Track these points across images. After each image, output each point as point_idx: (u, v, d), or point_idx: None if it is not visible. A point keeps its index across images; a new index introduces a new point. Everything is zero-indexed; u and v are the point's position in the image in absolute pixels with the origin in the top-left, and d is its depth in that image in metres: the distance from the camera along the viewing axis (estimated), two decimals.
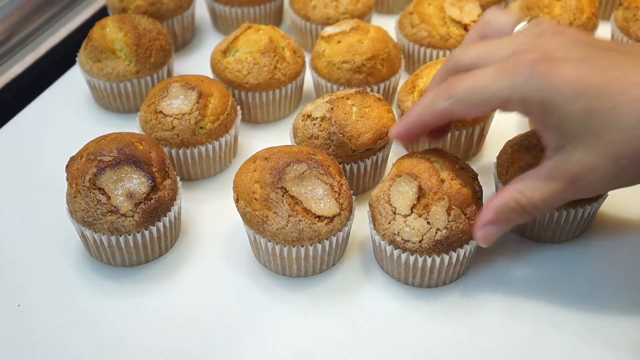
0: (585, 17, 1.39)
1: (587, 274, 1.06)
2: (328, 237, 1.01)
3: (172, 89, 1.19)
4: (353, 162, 1.14)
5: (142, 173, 1.04)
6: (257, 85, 1.29)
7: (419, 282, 1.04)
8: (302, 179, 1.00)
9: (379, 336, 0.99)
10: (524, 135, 1.11)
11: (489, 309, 1.02)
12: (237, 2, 1.51)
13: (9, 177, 1.25)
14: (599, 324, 1.00)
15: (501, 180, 1.09)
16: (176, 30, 1.51)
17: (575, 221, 1.07)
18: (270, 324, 1.01)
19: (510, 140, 1.12)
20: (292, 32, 1.54)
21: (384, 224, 1.01)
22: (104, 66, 1.31)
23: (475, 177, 1.03)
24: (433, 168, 1.00)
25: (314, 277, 1.07)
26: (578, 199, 0.98)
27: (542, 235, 1.09)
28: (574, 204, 1.05)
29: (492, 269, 1.07)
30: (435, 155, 1.03)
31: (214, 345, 0.98)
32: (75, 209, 1.03)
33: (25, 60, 1.54)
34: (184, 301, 1.04)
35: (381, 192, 1.03)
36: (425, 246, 0.98)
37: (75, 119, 1.38)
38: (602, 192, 0.97)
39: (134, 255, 1.07)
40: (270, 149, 1.06)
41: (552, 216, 1.06)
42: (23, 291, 1.05)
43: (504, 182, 1.09)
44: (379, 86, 1.30)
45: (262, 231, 1.01)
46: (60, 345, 0.98)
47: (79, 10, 1.66)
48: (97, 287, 1.06)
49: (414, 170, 1.00)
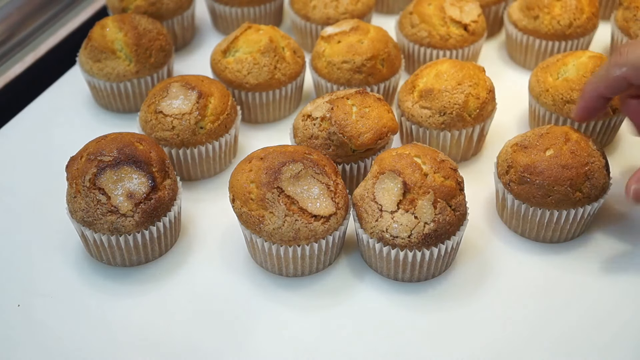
0: (585, 17, 1.39)
1: (584, 271, 1.07)
2: (324, 237, 1.01)
3: (172, 89, 1.19)
4: (353, 162, 1.14)
5: (142, 173, 1.04)
6: (257, 85, 1.29)
7: (409, 277, 1.04)
8: (298, 179, 1.00)
9: (376, 334, 0.99)
10: (524, 135, 1.11)
11: (478, 301, 1.03)
12: (237, 2, 1.51)
13: (9, 177, 1.25)
14: (595, 321, 1.00)
15: (501, 181, 1.10)
16: (176, 30, 1.51)
17: (575, 221, 1.07)
18: (268, 323, 1.01)
19: (510, 140, 1.13)
20: (292, 32, 1.54)
21: (371, 222, 1.01)
22: (104, 66, 1.31)
23: (456, 168, 1.04)
24: (415, 163, 1.01)
25: (310, 276, 1.07)
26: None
27: (542, 235, 1.10)
28: (573, 204, 1.05)
29: (479, 261, 1.08)
30: (414, 149, 1.03)
31: (213, 345, 0.98)
32: (75, 209, 1.03)
33: (26, 60, 1.54)
34: (184, 301, 1.04)
35: (365, 191, 1.03)
36: (415, 240, 0.99)
37: (75, 119, 1.38)
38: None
39: (134, 255, 1.07)
40: (265, 148, 1.06)
41: (552, 216, 1.06)
42: (23, 291, 1.06)
43: (504, 183, 1.09)
44: (379, 86, 1.30)
45: (259, 231, 1.01)
46: (60, 345, 0.99)
47: (79, 10, 1.66)
48: (97, 287, 1.06)
49: (397, 166, 1.01)
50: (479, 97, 1.18)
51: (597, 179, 1.06)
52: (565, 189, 1.04)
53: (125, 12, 1.44)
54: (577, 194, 1.05)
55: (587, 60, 1.21)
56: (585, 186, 1.05)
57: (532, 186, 1.05)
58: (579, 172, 1.04)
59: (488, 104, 1.20)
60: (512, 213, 1.10)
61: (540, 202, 1.06)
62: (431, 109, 1.18)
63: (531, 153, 1.07)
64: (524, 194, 1.06)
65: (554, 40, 1.39)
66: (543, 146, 1.07)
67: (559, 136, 1.07)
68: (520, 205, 1.07)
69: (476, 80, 1.19)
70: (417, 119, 1.20)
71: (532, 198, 1.06)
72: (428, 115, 1.18)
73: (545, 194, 1.05)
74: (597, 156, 1.07)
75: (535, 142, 1.08)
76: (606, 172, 1.08)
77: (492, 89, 1.22)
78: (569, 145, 1.06)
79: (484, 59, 1.48)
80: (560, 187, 1.04)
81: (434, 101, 1.18)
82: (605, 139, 1.24)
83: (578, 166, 1.04)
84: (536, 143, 1.07)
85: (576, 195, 1.05)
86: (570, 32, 1.39)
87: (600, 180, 1.06)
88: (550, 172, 1.04)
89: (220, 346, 0.98)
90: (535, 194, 1.05)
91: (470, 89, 1.18)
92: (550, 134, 1.08)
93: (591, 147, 1.07)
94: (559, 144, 1.06)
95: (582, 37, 1.40)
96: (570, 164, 1.04)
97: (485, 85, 1.20)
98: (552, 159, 1.05)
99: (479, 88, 1.19)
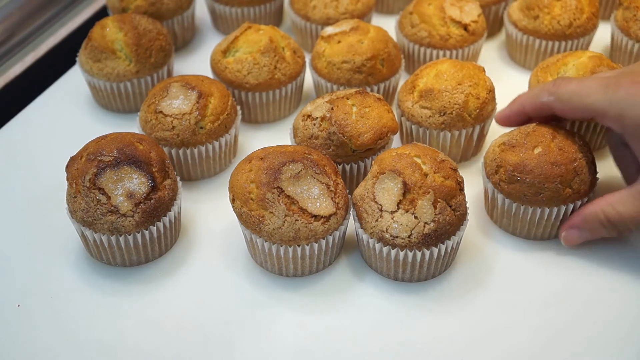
0: (585, 17, 1.39)
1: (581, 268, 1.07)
2: (324, 237, 1.01)
3: (172, 89, 1.19)
4: (353, 162, 1.14)
5: (142, 173, 1.04)
6: (257, 85, 1.29)
7: (409, 277, 1.04)
8: (298, 179, 1.00)
9: (376, 334, 0.99)
10: (510, 134, 1.11)
11: (477, 300, 1.03)
12: (237, 2, 1.51)
13: (9, 177, 1.25)
14: (592, 316, 1.00)
15: (490, 180, 1.10)
16: (176, 30, 1.51)
17: (566, 218, 1.08)
18: (268, 323, 1.01)
19: (497, 140, 1.13)
20: (292, 32, 1.54)
21: (371, 222, 1.01)
22: (104, 66, 1.31)
23: (456, 168, 1.04)
24: (415, 163, 1.01)
25: (310, 276, 1.07)
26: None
27: (534, 232, 1.10)
28: (564, 200, 1.05)
29: (479, 261, 1.08)
30: (414, 149, 1.03)
31: (212, 345, 0.98)
32: (75, 209, 1.03)
33: (26, 60, 1.54)
34: (184, 301, 1.04)
35: (365, 191, 1.03)
36: (415, 240, 0.99)
37: (75, 119, 1.38)
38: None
39: (134, 255, 1.07)
40: (265, 148, 1.06)
41: (542, 213, 1.06)
42: (23, 291, 1.06)
43: (494, 183, 1.09)
44: (379, 86, 1.30)
45: (259, 231, 1.01)
46: (60, 345, 0.99)
47: (79, 10, 1.66)
48: (97, 287, 1.06)
49: (397, 166, 1.01)
50: (479, 97, 1.18)
51: (586, 174, 1.06)
52: (555, 185, 1.04)
53: (125, 12, 1.44)
54: (567, 190, 1.05)
55: (587, 60, 1.21)
56: (575, 182, 1.05)
57: (523, 185, 1.05)
58: (568, 169, 1.05)
59: (488, 104, 1.20)
60: (503, 212, 1.10)
61: (531, 200, 1.06)
62: (431, 109, 1.18)
63: (520, 152, 1.07)
64: (515, 192, 1.07)
65: (554, 40, 1.39)
66: (531, 144, 1.07)
67: (545, 134, 1.07)
68: (510, 204, 1.08)
69: (476, 80, 1.19)
70: (417, 119, 1.20)
71: (523, 196, 1.06)
72: (428, 115, 1.18)
73: (536, 192, 1.05)
74: (584, 152, 1.07)
75: (522, 140, 1.08)
76: (594, 167, 1.08)
77: (492, 89, 1.22)
78: (557, 142, 1.06)
79: (484, 59, 1.48)
80: (551, 184, 1.04)
81: (434, 101, 1.18)
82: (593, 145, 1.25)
83: (567, 162, 1.05)
84: (524, 142, 1.07)
85: (566, 191, 1.05)
86: (570, 32, 1.39)
87: (588, 176, 1.06)
88: (540, 170, 1.04)
89: (220, 346, 0.98)
90: (526, 192, 1.06)
91: (470, 89, 1.18)
92: (537, 132, 1.08)
93: (578, 143, 1.07)
94: (546, 141, 1.06)
95: (582, 37, 1.40)
96: (559, 161, 1.05)
97: (485, 85, 1.20)
98: (541, 157, 1.05)
99: (479, 88, 1.19)
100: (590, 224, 1.04)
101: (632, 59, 1.40)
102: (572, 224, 1.05)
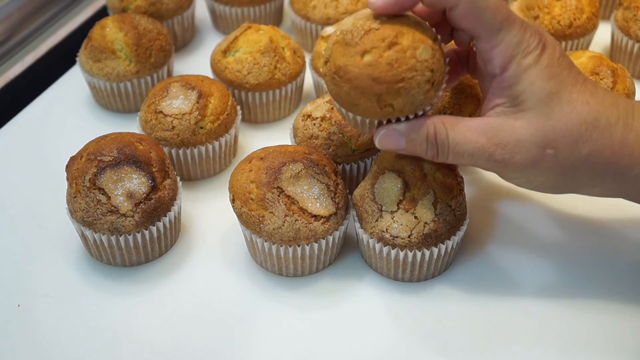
0: (585, 17, 1.39)
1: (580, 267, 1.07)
2: (324, 237, 1.01)
3: (172, 89, 1.19)
4: (353, 162, 1.14)
5: (142, 173, 1.04)
6: (257, 85, 1.29)
7: (409, 277, 1.04)
8: (298, 179, 1.00)
9: (376, 334, 0.99)
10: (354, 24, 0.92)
11: (477, 300, 1.03)
12: (237, 2, 1.51)
13: (9, 177, 1.25)
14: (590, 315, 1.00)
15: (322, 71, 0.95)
16: (176, 30, 1.51)
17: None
18: (268, 323, 1.01)
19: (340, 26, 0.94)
20: (292, 32, 1.54)
21: (371, 222, 1.01)
22: (104, 66, 1.31)
23: (456, 168, 1.03)
24: (415, 162, 1.01)
25: (310, 276, 1.07)
26: (490, 169, 0.94)
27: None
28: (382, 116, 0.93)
29: (479, 261, 1.08)
30: None
31: (212, 345, 0.98)
32: (75, 209, 1.03)
33: (26, 60, 1.54)
34: (184, 301, 1.04)
35: (365, 191, 1.03)
36: (415, 240, 0.99)
37: (75, 119, 1.38)
38: (517, 176, 0.94)
39: (134, 255, 1.07)
40: (265, 148, 1.06)
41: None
42: (23, 291, 1.06)
43: (322, 74, 0.96)
44: None
45: (259, 231, 1.01)
46: (60, 345, 0.99)
47: (79, 10, 1.66)
48: (97, 287, 1.06)
49: (397, 166, 1.01)
50: (479, 97, 1.18)
51: (414, 96, 0.90)
52: (372, 103, 0.90)
53: (125, 12, 1.44)
54: (387, 109, 0.91)
55: (587, 61, 1.21)
56: (398, 102, 0.90)
57: (341, 90, 0.92)
58: (390, 89, 0.89)
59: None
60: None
61: (350, 108, 0.93)
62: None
63: (349, 53, 0.90)
64: (334, 93, 0.93)
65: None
66: (362, 48, 0.89)
67: (386, 37, 0.88)
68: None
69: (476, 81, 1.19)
70: None
71: (341, 101, 0.93)
72: None
73: (351, 103, 0.92)
74: (421, 69, 0.89)
75: (357, 39, 0.89)
76: (431, 87, 0.91)
77: None
78: (391, 52, 0.88)
79: None
80: (367, 101, 0.90)
81: None
82: None
83: (391, 82, 0.88)
84: (357, 41, 0.89)
85: (385, 110, 0.91)
86: (570, 32, 1.39)
87: (418, 97, 0.90)
88: (359, 82, 0.89)
89: (220, 346, 0.98)
90: (344, 100, 0.92)
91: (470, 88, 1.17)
92: (379, 31, 0.89)
93: (421, 57, 0.89)
94: (380, 49, 0.88)
95: (582, 37, 1.40)
96: (381, 77, 0.88)
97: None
98: (365, 68, 0.88)
99: (478, 88, 1.19)
100: (414, 134, 0.92)
101: (632, 58, 1.40)
102: (396, 128, 0.92)
